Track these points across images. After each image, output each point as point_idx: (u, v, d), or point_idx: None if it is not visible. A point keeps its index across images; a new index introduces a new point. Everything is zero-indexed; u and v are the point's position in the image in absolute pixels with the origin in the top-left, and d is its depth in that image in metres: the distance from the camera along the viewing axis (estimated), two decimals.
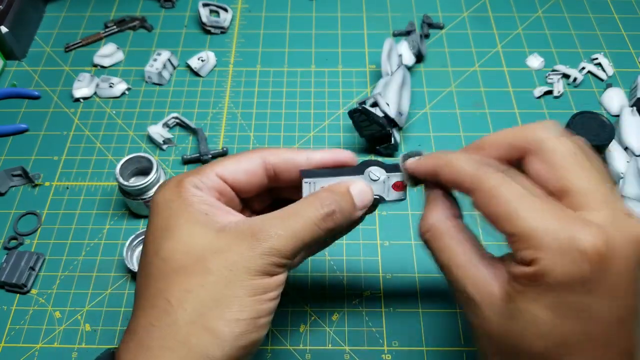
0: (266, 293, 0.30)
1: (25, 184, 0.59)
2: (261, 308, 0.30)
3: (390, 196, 0.38)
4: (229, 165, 0.34)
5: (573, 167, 0.29)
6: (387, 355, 0.47)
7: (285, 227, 0.31)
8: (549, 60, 0.69)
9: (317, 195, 0.33)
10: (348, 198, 0.34)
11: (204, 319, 0.29)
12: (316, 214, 0.32)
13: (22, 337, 0.49)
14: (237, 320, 0.29)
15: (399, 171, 0.37)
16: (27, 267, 0.51)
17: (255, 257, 0.30)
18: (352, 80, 0.67)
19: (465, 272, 0.30)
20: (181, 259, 0.31)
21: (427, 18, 0.73)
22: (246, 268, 0.30)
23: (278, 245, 0.30)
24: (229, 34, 0.73)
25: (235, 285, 0.30)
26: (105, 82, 0.66)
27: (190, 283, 0.30)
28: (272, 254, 0.30)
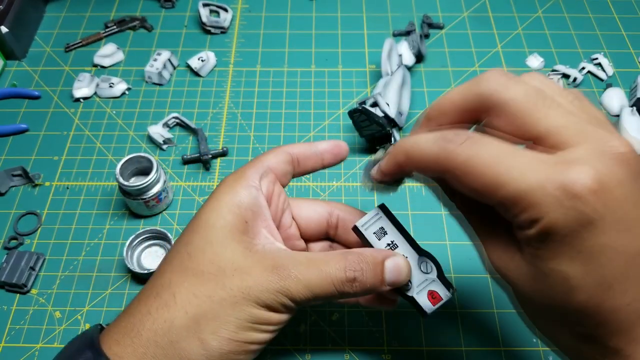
0: (265, 325, 0.31)
1: (25, 184, 0.59)
2: (256, 336, 0.31)
3: (420, 299, 0.34)
4: (276, 157, 0.37)
5: (535, 109, 0.26)
6: (387, 355, 0.47)
7: (304, 274, 0.31)
8: (549, 60, 0.69)
9: (346, 256, 0.32)
10: (378, 270, 0.32)
11: (198, 328, 0.30)
12: (337, 275, 0.31)
13: (22, 337, 0.49)
14: (229, 340, 0.30)
15: (450, 288, 0.34)
16: (27, 267, 0.51)
17: (269, 291, 0.31)
18: (352, 80, 0.67)
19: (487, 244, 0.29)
20: (203, 262, 0.31)
21: (427, 18, 0.73)
22: (257, 297, 0.31)
23: (293, 289, 0.31)
24: (229, 34, 0.73)
25: (240, 309, 0.30)
26: (105, 82, 0.66)
27: (201, 290, 0.30)
28: (285, 295, 0.31)
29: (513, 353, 0.47)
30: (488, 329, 0.48)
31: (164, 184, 0.54)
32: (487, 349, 0.48)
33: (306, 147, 0.38)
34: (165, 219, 0.56)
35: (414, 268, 0.34)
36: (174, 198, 0.58)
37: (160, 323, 0.30)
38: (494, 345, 0.48)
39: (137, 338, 0.30)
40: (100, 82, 0.66)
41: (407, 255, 0.34)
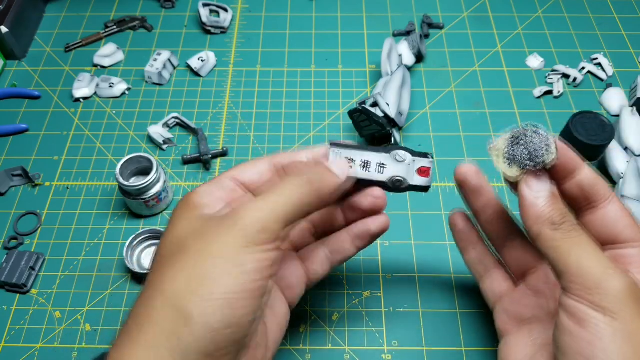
0: (242, 266, 0.28)
1: (25, 184, 0.59)
2: (234, 282, 0.28)
3: (415, 180, 0.38)
4: (240, 168, 0.36)
5: None
6: (387, 355, 0.47)
7: (265, 201, 0.30)
8: (549, 60, 0.69)
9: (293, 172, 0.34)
10: (322, 167, 0.34)
11: (176, 299, 0.28)
12: (293, 182, 0.32)
13: (22, 337, 0.49)
14: (208, 297, 0.27)
15: (426, 157, 0.38)
16: (27, 267, 0.51)
17: (233, 234, 0.29)
18: (352, 80, 0.67)
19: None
20: (169, 248, 0.31)
21: (427, 18, 0.73)
22: (222, 244, 0.29)
23: (258, 215, 0.29)
24: (229, 34, 0.73)
25: (207, 264, 0.28)
26: (105, 82, 0.66)
27: (173, 268, 0.29)
28: (248, 225, 0.29)
29: None
30: (488, 329, 0.48)
31: (164, 184, 0.54)
32: (487, 348, 0.48)
33: (295, 154, 0.37)
34: (166, 219, 0.56)
35: (392, 165, 0.37)
36: (174, 198, 0.58)
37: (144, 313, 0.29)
38: (493, 345, 0.48)
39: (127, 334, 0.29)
40: (100, 82, 0.66)
41: (383, 161, 0.37)
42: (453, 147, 0.61)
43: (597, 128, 0.54)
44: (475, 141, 0.62)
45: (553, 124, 0.63)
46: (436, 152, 0.61)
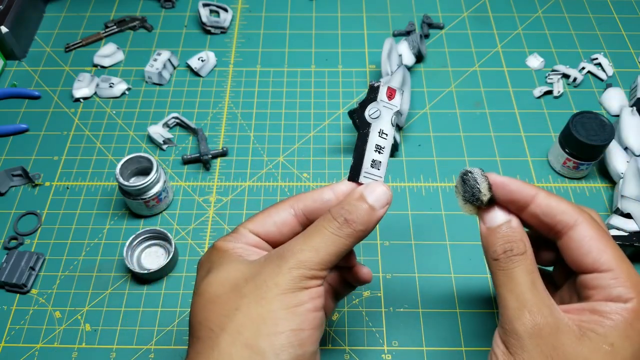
0: (300, 306, 0.31)
1: (25, 184, 0.59)
2: (298, 320, 0.31)
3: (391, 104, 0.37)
4: (259, 220, 0.36)
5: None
6: (387, 355, 0.47)
7: (306, 242, 0.33)
8: (549, 60, 0.69)
9: (329, 210, 0.34)
10: (362, 203, 0.34)
11: (243, 338, 0.30)
12: (332, 225, 0.33)
13: (22, 337, 0.49)
14: (275, 333, 0.30)
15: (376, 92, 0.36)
16: (27, 267, 0.51)
17: (283, 273, 0.31)
18: (352, 80, 0.67)
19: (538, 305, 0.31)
20: (216, 289, 0.32)
21: (427, 18, 0.73)
22: (275, 284, 0.31)
23: (302, 258, 0.32)
24: (229, 34, 0.73)
25: (267, 302, 0.31)
26: (105, 82, 0.66)
27: (227, 308, 0.31)
28: (299, 267, 0.31)
29: None
30: (488, 329, 0.48)
31: (164, 184, 0.54)
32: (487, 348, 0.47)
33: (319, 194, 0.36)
34: (165, 219, 0.56)
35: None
36: (174, 198, 0.58)
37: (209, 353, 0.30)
38: None
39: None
40: (100, 82, 0.66)
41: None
42: (453, 147, 0.61)
43: (597, 128, 0.54)
44: (475, 141, 0.62)
45: (553, 124, 0.63)
46: (436, 152, 0.61)
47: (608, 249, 0.32)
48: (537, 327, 0.30)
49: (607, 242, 0.32)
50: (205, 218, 0.56)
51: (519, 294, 0.31)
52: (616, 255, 0.31)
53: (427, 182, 0.58)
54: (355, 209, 0.33)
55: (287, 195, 0.58)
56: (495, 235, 0.33)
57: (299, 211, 0.35)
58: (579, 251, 0.32)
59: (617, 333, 0.30)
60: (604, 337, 0.29)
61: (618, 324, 0.30)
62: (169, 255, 0.51)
